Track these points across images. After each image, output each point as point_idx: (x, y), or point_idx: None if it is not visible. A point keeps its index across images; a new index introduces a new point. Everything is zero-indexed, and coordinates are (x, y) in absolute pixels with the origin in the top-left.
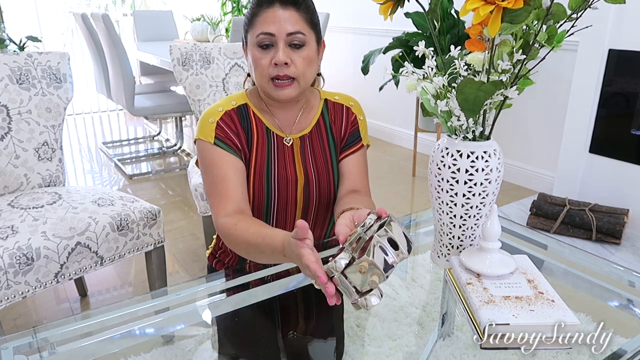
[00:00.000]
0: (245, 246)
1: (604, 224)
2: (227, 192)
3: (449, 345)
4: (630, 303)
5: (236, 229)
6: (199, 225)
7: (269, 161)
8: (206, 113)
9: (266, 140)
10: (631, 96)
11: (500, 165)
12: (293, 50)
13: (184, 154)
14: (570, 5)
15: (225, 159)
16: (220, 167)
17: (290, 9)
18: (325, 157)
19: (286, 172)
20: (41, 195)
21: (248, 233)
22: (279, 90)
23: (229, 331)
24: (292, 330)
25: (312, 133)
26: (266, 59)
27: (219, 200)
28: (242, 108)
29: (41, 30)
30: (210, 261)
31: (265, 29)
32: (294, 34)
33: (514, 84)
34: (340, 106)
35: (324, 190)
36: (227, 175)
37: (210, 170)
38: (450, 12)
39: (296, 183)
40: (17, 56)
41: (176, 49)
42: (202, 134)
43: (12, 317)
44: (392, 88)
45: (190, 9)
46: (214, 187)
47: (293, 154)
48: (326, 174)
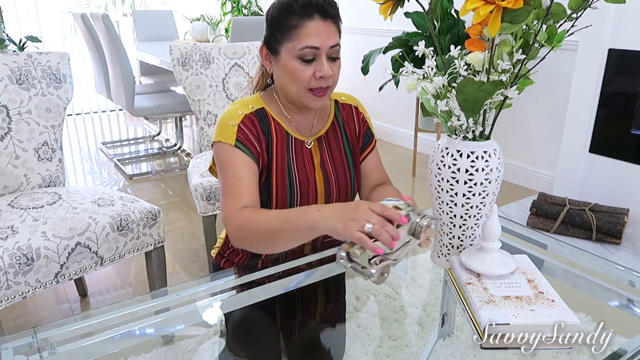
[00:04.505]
0: (265, 232)
1: (604, 223)
2: (241, 191)
3: (449, 345)
4: (630, 303)
5: (252, 219)
6: (199, 225)
7: (289, 164)
8: (225, 117)
9: (286, 143)
10: (631, 96)
11: (500, 165)
12: (331, 62)
13: (184, 154)
14: (570, 5)
15: (243, 162)
16: (237, 168)
17: (329, 21)
18: (341, 157)
19: (306, 174)
20: (41, 195)
21: (267, 218)
22: (317, 100)
23: (244, 328)
24: (311, 320)
25: (329, 134)
26: (308, 71)
27: (232, 198)
28: (260, 112)
29: (41, 30)
30: (218, 261)
31: (310, 42)
32: (334, 46)
33: (514, 83)
34: (349, 106)
35: (342, 190)
36: (243, 177)
37: (227, 172)
38: (450, 12)
39: (316, 184)
40: (17, 56)
41: (176, 49)
42: (223, 137)
43: (12, 317)
44: (392, 88)
45: (190, 9)
46: (229, 187)
47: (312, 156)
48: (344, 173)
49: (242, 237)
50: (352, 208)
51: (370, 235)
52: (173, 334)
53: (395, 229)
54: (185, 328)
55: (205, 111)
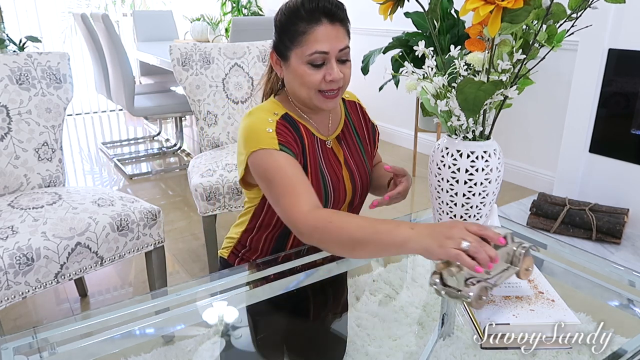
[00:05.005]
0: (348, 239)
1: (604, 223)
2: (302, 191)
3: (449, 345)
4: (630, 303)
5: (333, 223)
6: (199, 225)
7: (320, 164)
8: (254, 126)
9: (315, 145)
10: (631, 96)
11: (500, 165)
12: (341, 64)
13: (184, 154)
14: (570, 5)
15: (293, 162)
16: (290, 169)
17: (337, 25)
18: (358, 153)
19: (335, 173)
20: (41, 195)
21: (352, 226)
22: (328, 101)
23: (271, 324)
24: (328, 311)
25: (344, 132)
26: (317, 75)
27: (297, 199)
28: (286, 117)
29: (41, 30)
30: (232, 260)
31: (319, 47)
32: (343, 49)
33: (514, 83)
34: (353, 103)
35: (364, 184)
36: (299, 177)
37: (279, 174)
38: (450, 12)
39: (344, 182)
40: (17, 56)
41: (176, 49)
42: (264, 144)
43: (12, 317)
44: (392, 88)
45: (190, 9)
46: (287, 187)
47: (335, 155)
48: (363, 168)
49: (318, 238)
50: (447, 227)
51: (468, 254)
52: (173, 334)
53: (493, 249)
54: (185, 328)
55: (205, 111)
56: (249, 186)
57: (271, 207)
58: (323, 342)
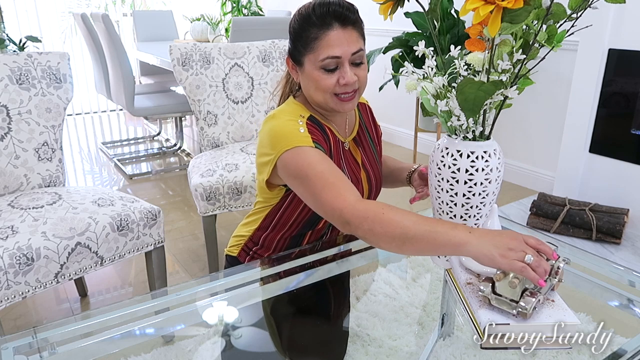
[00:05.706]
0: (400, 233)
1: (604, 223)
2: (345, 181)
3: (449, 345)
4: (630, 303)
5: (387, 215)
6: (199, 225)
7: (342, 165)
8: (286, 127)
9: (338, 147)
10: (631, 96)
11: (500, 165)
12: (355, 67)
13: (184, 154)
14: (570, 5)
15: (328, 158)
16: (327, 163)
17: (349, 28)
18: (371, 152)
19: (354, 174)
20: (41, 195)
21: (406, 221)
22: (344, 104)
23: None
24: (334, 310)
25: (359, 133)
26: (331, 79)
27: (340, 190)
28: (312, 118)
29: (41, 31)
30: (243, 258)
31: (331, 52)
32: (357, 52)
33: (514, 83)
34: (363, 105)
35: (379, 185)
36: (337, 169)
37: (318, 168)
38: (450, 12)
39: (362, 182)
40: (17, 56)
41: (176, 49)
42: (300, 142)
43: (12, 317)
44: (392, 88)
45: (190, 9)
46: (328, 180)
47: (353, 156)
48: (376, 167)
49: (367, 229)
50: (508, 237)
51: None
52: (173, 334)
53: (547, 264)
54: (185, 328)
55: (205, 111)
56: (272, 187)
57: (289, 207)
58: (329, 341)
